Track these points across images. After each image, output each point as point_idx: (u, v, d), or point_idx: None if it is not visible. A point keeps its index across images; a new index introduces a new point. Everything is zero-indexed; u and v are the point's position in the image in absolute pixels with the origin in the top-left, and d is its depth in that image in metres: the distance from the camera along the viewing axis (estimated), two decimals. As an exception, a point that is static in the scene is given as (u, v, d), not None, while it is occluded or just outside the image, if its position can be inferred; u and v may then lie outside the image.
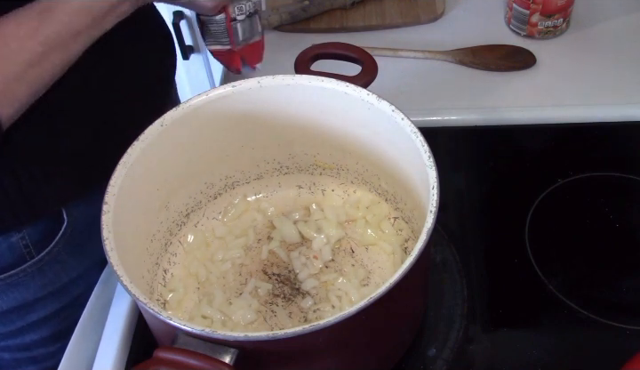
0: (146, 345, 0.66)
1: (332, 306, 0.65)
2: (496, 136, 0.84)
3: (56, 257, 0.74)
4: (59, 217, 0.72)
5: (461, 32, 0.98)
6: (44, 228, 0.72)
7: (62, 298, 0.77)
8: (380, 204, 0.72)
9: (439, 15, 1.01)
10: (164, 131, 0.63)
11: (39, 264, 0.73)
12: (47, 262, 0.73)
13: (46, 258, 0.73)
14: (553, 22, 0.94)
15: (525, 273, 0.70)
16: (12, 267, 0.71)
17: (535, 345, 0.64)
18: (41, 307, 0.77)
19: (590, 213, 0.75)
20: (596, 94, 0.88)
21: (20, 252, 0.71)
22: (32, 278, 0.73)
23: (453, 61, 0.94)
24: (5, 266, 0.71)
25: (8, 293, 0.73)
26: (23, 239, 0.70)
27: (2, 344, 0.80)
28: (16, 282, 0.73)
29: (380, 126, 0.64)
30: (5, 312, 0.75)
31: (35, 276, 0.73)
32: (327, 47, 0.73)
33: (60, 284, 0.76)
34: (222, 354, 0.49)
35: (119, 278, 0.53)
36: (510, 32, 0.97)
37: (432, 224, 0.53)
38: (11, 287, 0.73)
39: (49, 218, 0.72)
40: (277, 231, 0.71)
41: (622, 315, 0.66)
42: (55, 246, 0.73)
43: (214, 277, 0.68)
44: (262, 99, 0.66)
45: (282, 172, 0.74)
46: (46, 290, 0.75)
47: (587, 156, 0.80)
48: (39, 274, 0.73)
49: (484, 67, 0.92)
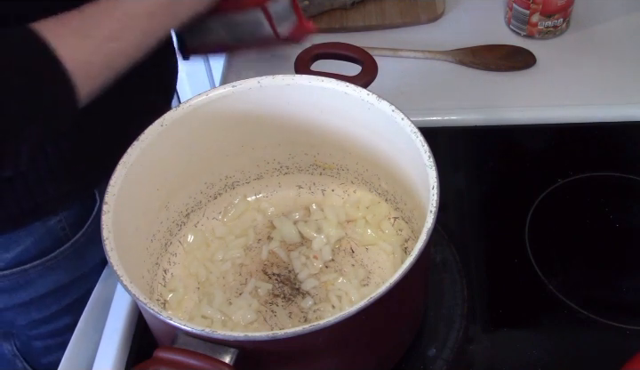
0: (146, 345, 0.66)
1: (332, 306, 0.65)
2: (496, 136, 0.84)
3: (90, 237, 0.77)
4: (91, 198, 0.76)
5: (461, 32, 0.98)
6: (79, 209, 0.75)
7: (95, 278, 0.78)
8: (380, 204, 0.72)
9: (439, 15, 1.01)
10: (164, 131, 0.63)
11: (75, 245, 0.76)
12: (83, 243, 0.76)
13: (82, 239, 0.76)
14: (553, 22, 0.94)
15: (525, 273, 0.70)
16: (51, 250, 0.74)
17: (535, 345, 0.64)
18: (75, 289, 0.79)
19: (590, 213, 0.75)
20: (596, 94, 0.88)
21: (57, 235, 0.74)
22: (69, 260, 0.76)
23: (453, 61, 0.94)
24: (44, 250, 0.73)
25: (46, 277, 0.75)
26: (60, 222, 0.73)
27: (34, 332, 0.81)
28: (55, 265, 0.75)
29: (380, 126, 0.64)
30: (42, 296, 0.77)
31: (72, 257, 0.76)
32: (327, 47, 0.73)
33: (93, 263, 0.78)
34: (222, 354, 0.49)
35: (119, 278, 0.53)
36: (510, 32, 0.97)
37: (432, 224, 0.53)
38: (49, 270, 0.75)
39: (82, 200, 0.75)
40: (277, 231, 0.71)
41: (622, 315, 0.66)
42: (89, 227, 0.76)
43: (214, 277, 0.68)
44: (262, 99, 0.66)
45: (282, 172, 0.74)
46: (80, 271, 0.78)
47: (587, 156, 0.80)
48: (75, 255, 0.76)
49: (484, 67, 0.92)
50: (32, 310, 0.79)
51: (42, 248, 0.73)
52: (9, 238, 0.71)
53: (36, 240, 0.72)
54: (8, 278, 0.74)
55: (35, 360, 0.86)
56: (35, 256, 0.73)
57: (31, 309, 0.79)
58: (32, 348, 0.85)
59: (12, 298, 0.76)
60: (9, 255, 0.72)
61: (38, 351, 0.85)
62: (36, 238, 0.72)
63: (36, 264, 0.74)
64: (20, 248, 0.72)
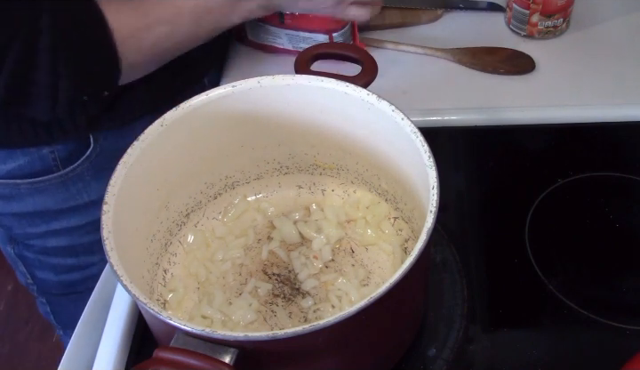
0: (146, 345, 0.66)
1: (332, 306, 0.65)
2: (496, 136, 0.84)
3: (79, 176, 0.84)
4: (86, 141, 0.82)
5: (461, 32, 0.98)
6: (73, 147, 0.82)
7: (83, 215, 0.88)
8: (380, 204, 0.72)
9: (439, 15, 1.01)
10: (164, 131, 0.63)
11: (63, 178, 0.84)
12: (71, 178, 0.84)
13: (70, 174, 0.83)
14: (553, 22, 0.94)
15: (525, 273, 0.70)
16: (40, 174, 0.83)
17: (535, 345, 0.64)
18: (63, 218, 0.88)
19: (590, 213, 0.75)
20: (596, 94, 0.88)
21: (48, 163, 0.82)
22: (56, 189, 0.84)
23: (452, 60, 0.94)
24: (34, 172, 0.82)
25: (35, 197, 0.85)
26: (52, 153, 0.81)
27: (28, 243, 0.93)
28: (42, 188, 0.84)
29: (379, 126, 0.64)
30: (31, 214, 0.88)
31: (59, 187, 0.84)
32: (327, 47, 0.73)
33: (81, 201, 0.87)
34: (222, 354, 0.49)
35: (119, 278, 0.53)
36: (510, 32, 0.97)
37: (432, 224, 0.53)
38: (37, 192, 0.84)
39: (77, 140, 0.81)
40: (277, 231, 0.71)
41: (622, 315, 0.66)
42: (79, 166, 0.83)
43: (214, 277, 0.68)
44: (262, 99, 0.66)
45: (282, 172, 0.74)
46: (68, 204, 0.86)
47: (587, 156, 0.80)
48: (62, 187, 0.84)
49: (482, 68, 0.92)
50: (24, 223, 0.90)
51: (33, 170, 0.82)
52: (6, 154, 0.81)
53: (29, 161, 0.81)
54: (2, 187, 0.84)
55: (30, 271, 0.98)
56: (26, 175, 0.82)
57: (23, 222, 0.89)
58: (26, 258, 0.96)
59: (7, 206, 0.87)
60: (5, 167, 0.82)
61: (31, 262, 0.96)
62: (28, 160, 0.81)
63: (26, 182, 0.83)
64: (14, 164, 0.81)
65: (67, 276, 0.96)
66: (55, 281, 0.98)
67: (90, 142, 0.82)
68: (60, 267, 0.96)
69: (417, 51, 0.95)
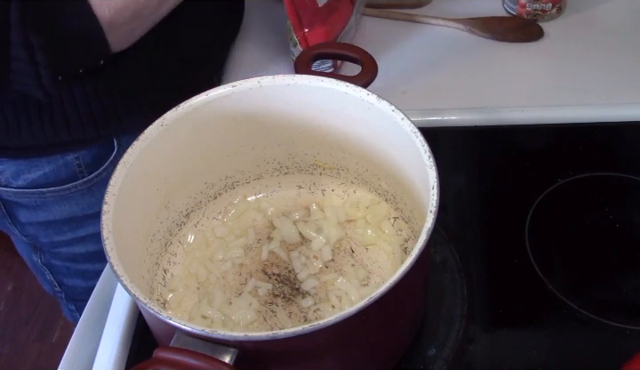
0: (146, 345, 0.66)
1: (331, 306, 0.65)
2: (496, 136, 0.84)
3: (104, 180, 0.81)
4: (110, 144, 0.83)
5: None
6: (97, 152, 0.82)
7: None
8: (380, 204, 0.72)
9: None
10: (164, 131, 0.63)
11: (88, 184, 0.84)
12: (96, 184, 0.85)
13: (95, 179, 0.84)
14: (541, 5, 0.95)
15: (525, 273, 0.70)
16: (66, 182, 0.83)
17: (535, 345, 0.64)
18: (89, 224, 0.89)
19: (590, 213, 0.75)
20: (596, 94, 0.88)
21: (73, 170, 0.82)
22: (82, 195, 0.85)
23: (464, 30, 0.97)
24: (60, 180, 0.83)
25: (61, 205, 0.86)
26: (77, 159, 0.82)
27: (55, 251, 0.94)
28: (68, 196, 0.85)
29: (380, 126, 0.64)
30: (58, 222, 0.88)
31: (84, 194, 0.85)
32: (327, 47, 0.73)
33: None
34: (222, 354, 0.49)
35: (119, 278, 0.53)
36: (505, 13, 0.99)
37: (432, 224, 0.53)
38: (63, 200, 0.85)
39: (101, 145, 0.82)
40: (277, 231, 0.71)
41: (622, 315, 0.66)
42: (104, 171, 0.84)
43: (214, 277, 0.68)
44: (262, 99, 0.66)
45: (282, 172, 0.74)
46: (93, 209, 0.87)
47: (587, 156, 0.80)
48: (88, 193, 0.85)
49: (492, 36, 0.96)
50: (50, 232, 0.90)
51: (58, 178, 0.83)
52: (31, 162, 0.81)
53: (54, 169, 0.82)
54: (28, 196, 0.85)
55: (58, 279, 0.99)
56: (51, 183, 0.83)
57: (49, 230, 0.90)
58: (54, 266, 0.96)
59: (33, 215, 0.88)
60: (30, 176, 0.82)
61: (59, 270, 0.97)
62: (54, 168, 0.82)
63: (51, 190, 0.84)
64: (40, 172, 0.82)
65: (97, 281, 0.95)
66: (85, 287, 0.97)
67: (114, 146, 0.83)
68: (89, 273, 0.96)
69: (430, 21, 0.99)
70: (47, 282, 1.00)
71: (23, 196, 0.85)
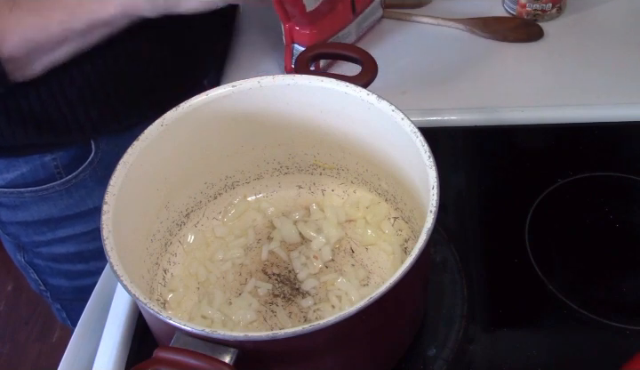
0: (146, 345, 0.66)
1: (331, 306, 0.65)
2: (496, 136, 0.84)
3: (82, 182, 0.85)
4: (87, 147, 0.83)
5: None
6: (74, 154, 0.83)
7: (88, 222, 0.89)
8: (380, 204, 0.72)
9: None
10: (164, 131, 0.63)
11: (66, 185, 0.84)
12: (74, 185, 0.85)
13: (73, 181, 0.84)
14: (541, 5, 0.95)
15: (525, 273, 0.70)
16: (44, 182, 0.84)
17: (535, 345, 0.64)
18: (68, 225, 0.89)
19: (590, 213, 0.75)
20: (596, 94, 0.88)
21: (51, 171, 0.83)
22: (60, 196, 0.85)
23: (464, 30, 0.96)
24: (38, 180, 0.83)
25: (39, 205, 0.86)
26: (54, 161, 0.82)
27: (36, 250, 0.94)
28: (46, 196, 0.85)
29: (380, 126, 0.64)
30: (37, 222, 0.88)
31: (62, 195, 0.85)
32: (327, 47, 0.73)
33: (85, 208, 0.88)
34: (222, 354, 0.49)
35: (119, 278, 0.53)
36: (505, 13, 0.99)
37: (432, 224, 0.53)
38: (41, 200, 0.85)
39: (79, 146, 0.83)
40: (277, 231, 0.71)
41: (622, 315, 0.66)
42: (82, 172, 0.84)
43: (214, 277, 0.68)
44: (262, 99, 0.66)
45: (282, 172, 0.74)
46: (72, 210, 0.87)
47: (587, 156, 0.80)
48: (66, 194, 0.85)
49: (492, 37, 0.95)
50: (30, 232, 0.90)
51: (36, 178, 0.83)
52: (10, 162, 0.82)
53: (32, 170, 0.82)
54: (7, 196, 0.86)
55: (42, 278, 0.99)
56: (29, 183, 0.84)
57: (29, 230, 0.90)
58: (37, 265, 0.97)
59: (13, 215, 0.88)
60: (9, 176, 0.83)
61: (42, 270, 0.97)
62: (31, 168, 0.82)
63: (29, 190, 0.84)
64: (17, 172, 0.82)
65: (80, 281, 0.97)
66: (69, 286, 0.98)
67: (91, 148, 0.83)
68: (71, 273, 0.96)
69: (429, 21, 0.98)
70: (33, 281, 1.00)
71: (2, 195, 0.86)
